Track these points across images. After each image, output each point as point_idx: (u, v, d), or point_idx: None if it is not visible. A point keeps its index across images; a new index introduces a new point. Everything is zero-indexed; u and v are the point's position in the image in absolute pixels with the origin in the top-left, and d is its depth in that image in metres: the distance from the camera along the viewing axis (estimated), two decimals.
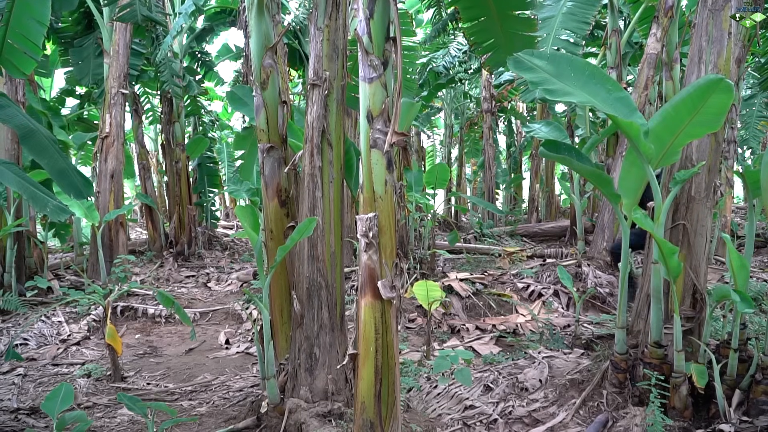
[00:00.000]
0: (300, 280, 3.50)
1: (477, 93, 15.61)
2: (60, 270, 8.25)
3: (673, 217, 3.54)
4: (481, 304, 6.20)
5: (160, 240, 9.89)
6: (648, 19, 7.87)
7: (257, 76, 3.84)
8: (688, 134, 3.01)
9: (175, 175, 10.13)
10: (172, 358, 5.33)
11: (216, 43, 28.44)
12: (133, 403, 3.00)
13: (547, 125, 7.92)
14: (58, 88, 11.35)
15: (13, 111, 4.05)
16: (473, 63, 12.20)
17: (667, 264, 3.02)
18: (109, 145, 8.33)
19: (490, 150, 13.75)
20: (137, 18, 6.32)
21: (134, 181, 15.59)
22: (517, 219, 13.83)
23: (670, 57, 6.54)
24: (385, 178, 2.74)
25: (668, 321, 3.39)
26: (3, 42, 4.38)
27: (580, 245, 8.02)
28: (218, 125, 15.00)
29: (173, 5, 9.57)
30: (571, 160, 3.42)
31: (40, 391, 4.41)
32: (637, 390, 3.38)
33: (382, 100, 2.70)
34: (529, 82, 3.07)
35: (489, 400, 3.76)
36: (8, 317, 6.06)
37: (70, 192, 4.27)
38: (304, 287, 3.47)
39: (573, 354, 4.45)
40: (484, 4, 3.82)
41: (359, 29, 2.69)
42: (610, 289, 6.48)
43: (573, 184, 8.29)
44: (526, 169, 18.27)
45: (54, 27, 9.00)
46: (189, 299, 7.31)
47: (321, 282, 3.44)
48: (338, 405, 3.36)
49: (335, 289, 3.50)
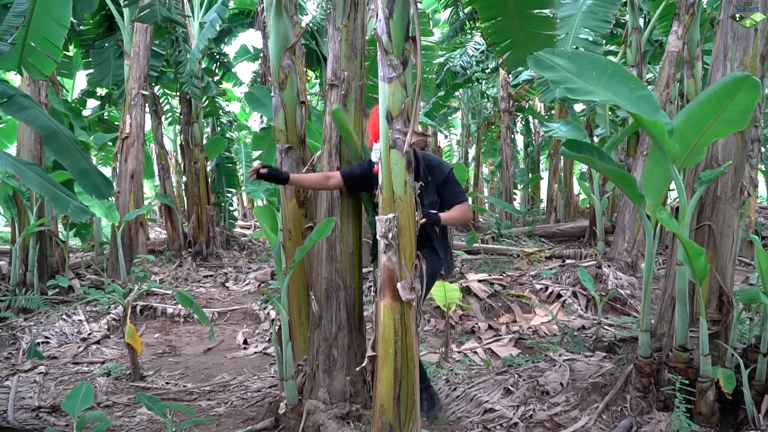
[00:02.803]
0: (318, 281, 3.49)
1: (494, 92, 15.53)
2: (81, 269, 8.34)
3: (699, 218, 3.47)
4: (500, 306, 6.15)
5: (179, 240, 9.96)
6: (668, 17, 7.76)
7: (276, 77, 3.84)
8: (714, 133, 2.95)
9: (194, 175, 10.19)
10: (190, 358, 5.35)
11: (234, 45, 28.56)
12: (152, 403, 3.01)
13: (566, 124, 7.86)
14: (79, 90, 11.48)
15: (36, 112, 4.09)
16: (490, 62, 12.14)
17: (693, 266, 2.96)
18: (129, 146, 8.40)
19: (507, 150, 13.67)
20: (157, 19, 6.36)
21: (153, 181, 15.73)
22: (535, 219, 13.72)
23: (692, 55, 6.45)
24: (404, 178, 2.71)
25: (693, 324, 3.32)
26: (24, 44, 4.43)
27: (600, 246, 7.93)
28: (236, 126, 15.07)
29: (192, 7, 9.63)
30: (594, 160, 3.37)
31: (60, 389, 4.44)
32: (661, 395, 3.32)
33: (401, 99, 2.68)
34: (550, 81, 3.02)
35: (509, 404, 3.72)
36: (30, 315, 6.13)
37: (91, 192, 4.30)
38: (323, 288, 3.45)
39: (595, 357, 4.39)
40: (503, 4, 3.79)
41: (379, 29, 2.66)
42: (631, 291, 6.39)
43: (593, 184, 8.20)
44: (544, 168, 18.14)
45: (76, 29, 9.12)
46: (207, 299, 7.34)
47: (339, 283, 3.43)
48: (357, 407, 3.34)
49: (354, 289, 3.49)
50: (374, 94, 4.37)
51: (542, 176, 16.84)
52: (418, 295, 2.79)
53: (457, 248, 8.18)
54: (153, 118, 10.36)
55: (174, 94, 11.76)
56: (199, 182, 10.20)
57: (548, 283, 6.79)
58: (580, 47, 7.11)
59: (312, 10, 10.26)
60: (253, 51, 12.21)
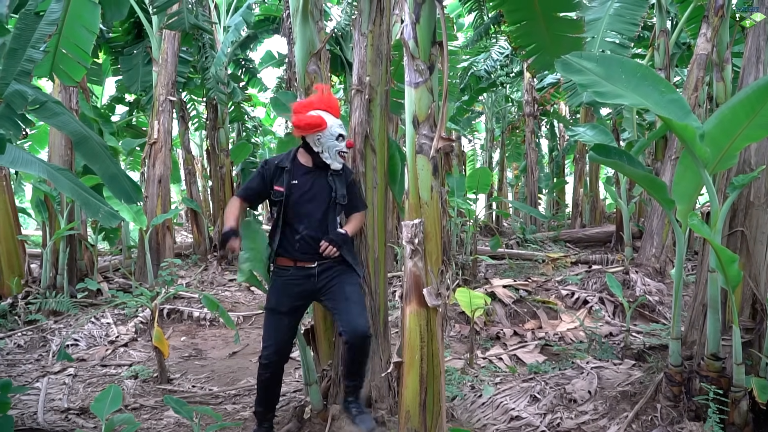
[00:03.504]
0: None
1: (519, 96, 15.45)
2: (109, 272, 8.46)
3: (731, 224, 3.40)
4: (525, 311, 6.09)
5: (205, 243, 10.06)
6: (696, 19, 7.63)
7: (301, 82, 3.85)
8: (747, 137, 2.89)
9: (220, 180, 10.30)
10: (216, 361, 5.39)
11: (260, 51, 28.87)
12: (179, 407, 3.03)
13: (593, 128, 7.76)
14: (108, 96, 11.68)
15: (67, 118, 4.15)
16: (515, 66, 12.07)
17: (725, 273, 2.89)
18: (157, 151, 8.51)
19: (532, 154, 13.57)
20: (185, 26, 6.45)
21: (180, 186, 15.94)
22: (560, 224, 13.59)
23: (721, 57, 6.32)
24: (431, 183, 2.70)
25: (725, 332, 3.25)
26: (56, 51, 4.52)
27: (628, 251, 7.82)
28: (261, 131, 15.21)
29: (219, 14, 9.75)
30: (622, 165, 3.32)
31: (89, 391, 4.51)
32: (693, 404, 3.25)
33: (428, 104, 2.67)
34: (578, 85, 2.99)
35: (536, 411, 3.67)
36: (60, 318, 6.24)
37: (120, 197, 4.36)
38: None
39: (623, 365, 4.32)
40: (530, 7, 3.75)
41: (405, 34, 2.66)
42: (660, 297, 6.29)
43: (620, 189, 8.10)
44: (569, 173, 17.96)
45: (105, 37, 9.29)
46: (232, 302, 7.40)
47: (364, 288, 3.42)
48: (381, 413, 3.32)
49: (378, 295, 3.48)
50: (399, 99, 4.38)
51: (567, 181, 16.68)
52: (444, 301, 2.77)
53: (482, 253, 8.12)
54: (180, 123, 10.49)
55: (201, 100, 11.91)
56: (225, 187, 10.31)
57: (574, 288, 6.71)
58: (607, 50, 7.03)
59: (337, 16, 10.31)
60: (278, 57, 12.33)
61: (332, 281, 3.18)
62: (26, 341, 5.62)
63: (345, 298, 3.13)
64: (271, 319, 3.26)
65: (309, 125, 3.08)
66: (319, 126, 3.09)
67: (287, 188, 3.17)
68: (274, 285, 3.27)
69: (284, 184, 3.18)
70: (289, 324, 3.25)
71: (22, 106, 3.64)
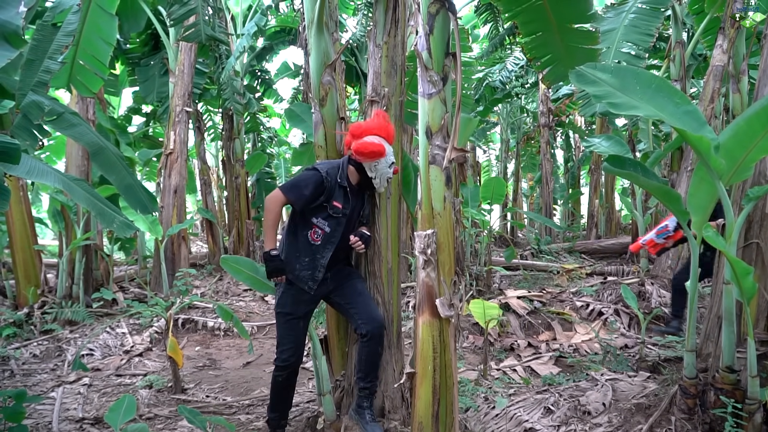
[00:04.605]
0: None
1: (534, 107, 15.41)
2: (124, 282, 8.54)
3: (746, 236, 3.37)
4: (540, 323, 6.05)
5: (220, 253, 10.11)
6: (713, 30, 7.59)
7: (316, 93, 3.88)
8: (762, 149, 2.86)
9: (235, 190, 10.38)
10: (230, 371, 5.41)
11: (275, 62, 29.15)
12: (193, 417, 3.05)
13: (608, 139, 7.73)
14: (125, 107, 11.83)
15: (84, 129, 4.21)
16: (530, 77, 12.06)
17: (740, 285, 2.86)
18: (173, 162, 8.59)
19: (547, 165, 13.52)
20: (202, 37, 6.52)
21: (196, 196, 16.06)
22: (575, 235, 13.50)
23: (738, 69, 6.28)
24: (443, 194, 2.71)
25: (740, 344, 3.21)
26: (73, 62, 4.60)
27: (643, 263, 7.75)
28: (276, 141, 15.30)
29: (235, 25, 9.86)
30: (637, 176, 3.30)
31: (104, 401, 4.54)
32: (707, 416, 3.21)
33: (441, 115, 2.69)
34: (593, 96, 2.98)
35: (549, 423, 3.64)
36: (76, 328, 6.30)
37: (136, 207, 4.41)
38: None
39: (638, 377, 4.27)
40: (544, 18, 3.76)
41: (419, 45, 2.68)
42: None
43: (635, 200, 8.05)
44: (584, 184, 17.86)
45: (122, 48, 9.42)
46: (247, 313, 7.43)
47: (378, 298, 3.42)
48: (395, 424, 3.32)
49: (392, 305, 3.48)
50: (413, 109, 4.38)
51: (582, 191, 16.59)
52: (457, 311, 2.77)
53: (496, 264, 8.10)
54: (196, 134, 10.60)
55: (216, 111, 12.03)
56: (240, 197, 10.38)
57: (589, 300, 6.66)
58: (623, 61, 7.01)
59: (352, 27, 10.38)
60: (293, 68, 12.43)
61: (342, 281, 3.33)
62: (42, 351, 5.68)
63: (358, 293, 3.28)
64: (286, 322, 3.32)
65: (373, 153, 3.13)
66: (381, 155, 3.14)
67: (343, 206, 3.26)
68: (288, 292, 3.30)
69: (342, 201, 3.25)
70: (305, 325, 3.36)
71: (38, 116, 3.70)
